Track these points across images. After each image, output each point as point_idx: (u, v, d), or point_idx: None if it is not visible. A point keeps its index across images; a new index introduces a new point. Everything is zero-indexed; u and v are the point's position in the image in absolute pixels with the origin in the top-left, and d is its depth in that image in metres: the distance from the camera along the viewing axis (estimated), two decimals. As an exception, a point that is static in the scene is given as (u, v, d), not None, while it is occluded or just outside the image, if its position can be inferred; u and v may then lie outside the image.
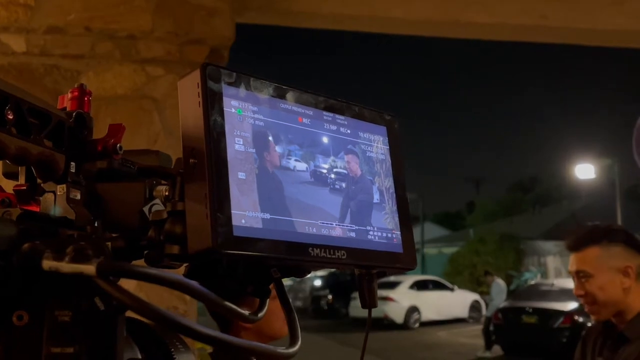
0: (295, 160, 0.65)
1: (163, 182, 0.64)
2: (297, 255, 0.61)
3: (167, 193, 0.62)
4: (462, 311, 20.62)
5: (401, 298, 19.08)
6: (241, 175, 0.59)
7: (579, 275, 2.18)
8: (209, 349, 2.33)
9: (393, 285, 19.62)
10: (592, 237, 2.20)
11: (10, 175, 0.67)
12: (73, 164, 0.63)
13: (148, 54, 3.01)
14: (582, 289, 2.17)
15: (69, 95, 0.67)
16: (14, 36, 2.95)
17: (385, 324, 18.33)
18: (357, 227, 0.68)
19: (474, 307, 20.84)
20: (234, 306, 0.60)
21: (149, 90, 2.99)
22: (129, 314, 0.62)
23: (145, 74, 3.01)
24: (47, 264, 0.52)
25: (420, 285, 20.34)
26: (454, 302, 20.51)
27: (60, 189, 0.62)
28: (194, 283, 0.56)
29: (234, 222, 0.57)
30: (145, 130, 2.93)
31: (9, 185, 0.66)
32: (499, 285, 15.23)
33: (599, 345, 2.21)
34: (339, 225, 0.66)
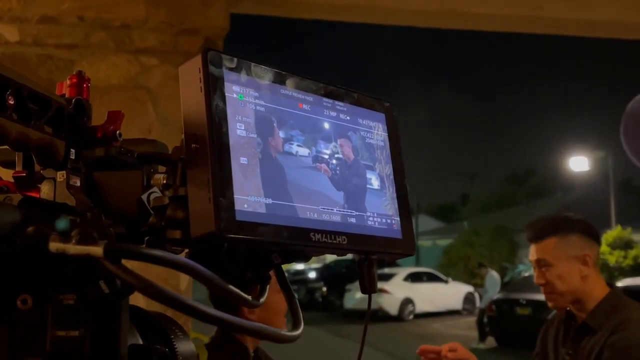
0: (298, 145, 0.65)
1: (160, 170, 0.64)
2: (298, 240, 0.61)
3: (165, 181, 0.62)
4: (456, 303, 20.67)
5: (396, 290, 19.11)
6: (243, 160, 0.59)
7: (540, 264, 2.22)
8: (204, 339, 2.33)
9: (387, 277, 19.65)
10: (551, 228, 2.24)
11: (7, 163, 0.67)
12: (73, 150, 0.63)
13: (142, 44, 3.00)
14: (543, 278, 2.21)
15: (68, 82, 0.67)
16: (7, 26, 2.94)
17: (380, 316, 18.36)
18: (357, 213, 0.68)
19: (468, 298, 20.89)
20: (237, 290, 0.60)
21: (143, 80, 2.98)
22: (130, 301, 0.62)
23: (139, 64, 3.00)
24: (54, 246, 0.52)
25: (414, 277, 20.39)
26: (448, 294, 20.55)
27: (60, 176, 0.62)
28: (199, 265, 0.56)
29: (237, 206, 0.57)
30: (140, 120, 2.92)
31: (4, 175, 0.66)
32: (493, 277, 15.28)
33: (561, 336, 2.24)
34: (339, 210, 0.66)
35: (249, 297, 0.63)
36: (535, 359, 2.36)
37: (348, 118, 0.72)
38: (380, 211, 0.71)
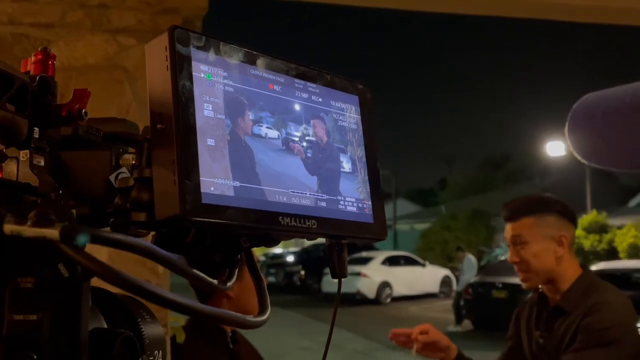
0: (267, 127, 0.64)
1: (130, 150, 0.63)
2: (267, 224, 0.60)
3: (134, 161, 0.60)
4: (433, 286, 20.82)
5: (373, 273, 19.21)
6: (210, 141, 0.58)
7: (515, 242, 2.22)
8: (181, 322, 2.32)
9: (365, 261, 19.74)
10: (528, 208, 2.24)
11: None
12: (37, 129, 0.61)
13: (120, 23, 2.95)
14: (517, 256, 2.22)
15: (33, 58, 0.65)
16: (-19, 4, 2.88)
17: (358, 299, 18.47)
18: (327, 197, 0.67)
19: (445, 282, 21.05)
20: (201, 274, 0.59)
21: (120, 60, 2.94)
22: (96, 283, 0.61)
23: (116, 43, 2.96)
24: (9, 228, 0.51)
25: (392, 261, 20.49)
26: (425, 277, 20.69)
27: (24, 155, 0.60)
28: (161, 249, 0.54)
29: (203, 189, 0.56)
30: (117, 100, 2.88)
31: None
32: (470, 260, 15.41)
33: (534, 318, 2.26)
34: (310, 194, 0.65)
35: (215, 281, 0.62)
36: (508, 342, 2.38)
37: (320, 100, 0.70)
38: (351, 195, 0.70)
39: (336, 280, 0.72)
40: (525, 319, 2.31)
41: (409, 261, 21.28)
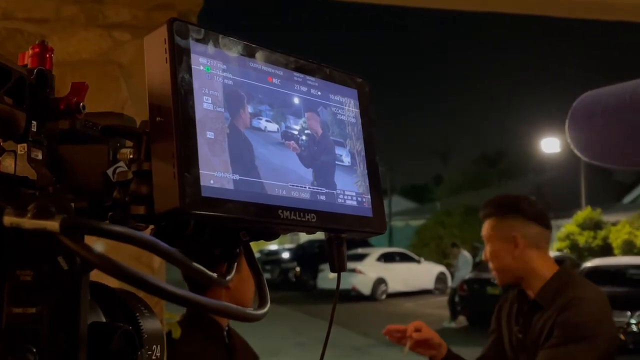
0: (266, 120, 0.64)
1: (127, 144, 0.62)
2: (266, 217, 0.60)
3: (131, 156, 0.60)
4: (429, 283, 20.85)
5: (368, 270, 19.21)
6: (210, 134, 0.58)
7: (485, 242, 2.35)
8: (176, 317, 2.32)
9: (360, 258, 19.74)
10: (491, 209, 2.35)
11: None
12: (34, 122, 0.61)
13: (115, 18, 2.94)
14: (485, 255, 2.36)
15: (30, 52, 0.65)
16: (-26, -1, 2.86)
17: (353, 296, 18.47)
18: (327, 191, 0.67)
19: (440, 278, 21.08)
20: (202, 268, 0.59)
21: (115, 56, 2.93)
22: (95, 278, 0.60)
23: (111, 39, 2.94)
24: (8, 220, 0.51)
25: (387, 258, 20.50)
26: (421, 273, 20.72)
27: (21, 149, 0.60)
28: (161, 242, 0.54)
29: (202, 182, 0.55)
30: (113, 96, 2.87)
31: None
32: (465, 256, 15.43)
33: (514, 313, 2.32)
34: (309, 187, 0.65)
35: (215, 275, 0.62)
36: (490, 337, 2.44)
37: (319, 93, 0.70)
38: (350, 188, 0.70)
39: (331, 277, 0.73)
40: (505, 313, 2.38)
41: (404, 258, 21.30)
